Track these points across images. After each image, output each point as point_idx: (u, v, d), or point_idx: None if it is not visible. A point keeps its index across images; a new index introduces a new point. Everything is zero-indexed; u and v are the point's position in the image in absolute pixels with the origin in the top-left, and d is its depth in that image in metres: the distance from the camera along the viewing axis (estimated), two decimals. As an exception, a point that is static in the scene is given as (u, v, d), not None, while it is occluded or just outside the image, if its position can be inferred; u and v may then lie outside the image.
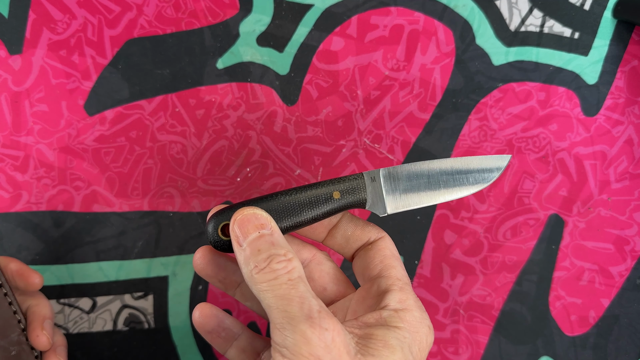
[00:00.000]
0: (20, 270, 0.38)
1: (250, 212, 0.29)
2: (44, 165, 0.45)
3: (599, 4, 0.46)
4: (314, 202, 0.31)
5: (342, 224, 0.33)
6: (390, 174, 0.32)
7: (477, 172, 0.32)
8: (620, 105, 0.47)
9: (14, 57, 0.44)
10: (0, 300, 0.36)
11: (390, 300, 0.29)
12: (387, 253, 0.32)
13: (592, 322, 0.47)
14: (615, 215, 0.47)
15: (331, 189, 0.31)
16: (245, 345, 0.34)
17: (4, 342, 0.35)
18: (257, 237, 0.28)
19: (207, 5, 0.45)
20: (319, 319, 0.25)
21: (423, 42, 0.46)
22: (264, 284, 0.26)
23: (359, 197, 0.32)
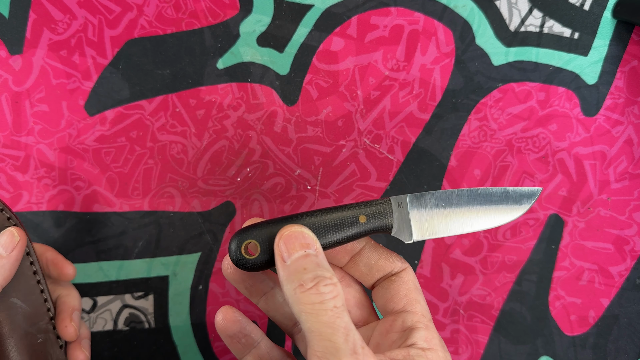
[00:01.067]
0: (55, 259, 0.38)
1: (297, 230, 0.29)
2: (45, 165, 0.45)
3: (599, 4, 0.46)
4: (340, 225, 0.31)
5: (366, 251, 0.33)
6: (418, 199, 0.32)
7: (507, 200, 0.32)
8: (619, 106, 0.47)
9: (14, 57, 0.44)
10: (32, 287, 0.36)
11: (417, 339, 0.29)
12: (411, 286, 0.32)
13: (591, 322, 0.47)
14: (615, 215, 0.47)
15: (357, 213, 0.31)
16: (264, 354, 0.33)
17: (32, 328, 0.35)
18: (303, 255, 0.28)
19: (208, 6, 0.45)
20: (362, 356, 0.25)
21: (423, 43, 0.46)
22: (309, 306, 0.26)
23: (385, 223, 0.31)
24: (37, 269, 0.36)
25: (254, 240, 0.30)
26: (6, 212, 0.36)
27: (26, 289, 0.36)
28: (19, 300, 0.35)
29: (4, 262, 0.33)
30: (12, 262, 0.34)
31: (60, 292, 0.39)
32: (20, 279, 0.35)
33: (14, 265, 0.34)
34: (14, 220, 0.36)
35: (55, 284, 0.40)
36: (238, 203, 0.46)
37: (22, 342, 0.35)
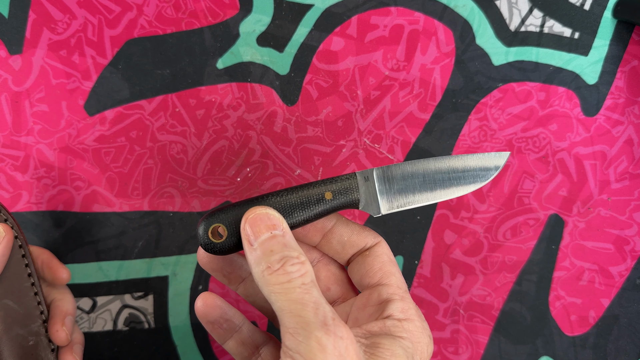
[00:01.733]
0: (50, 262, 0.38)
1: (262, 212, 0.29)
2: (44, 165, 0.45)
3: (599, 4, 0.46)
4: (306, 203, 0.31)
5: (337, 228, 0.33)
6: (385, 173, 0.31)
7: (475, 170, 0.31)
8: (620, 105, 0.47)
9: (14, 57, 0.44)
10: (26, 289, 0.36)
11: (393, 310, 0.29)
12: (385, 259, 0.32)
13: (592, 322, 0.47)
14: (615, 215, 0.47)
15: (323, 190, 0.31)
16: (246, 338, 0.33)
17: (23, 331, 0.35)
18: (269, 237, 0.28)
19: (207, 6, 0.45)
20: (333, 327, 0.25)
21: (423, 42, 0.46)
22: (277, 286, 0.26)
23: (351, 198, 0.31)
24: (32, 271, 0.36)
25: (221, 224, 0.30)
26: (3, 214, 0.36)
27: (19, 291, 0.36)
28: (12, 302, 0.35)
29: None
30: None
31: (55, 295, 0.39)
32: (14, 281, 0.35)
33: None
34: (10, 222, 0.36)
35: (50, 287, 0.39)
36: (238, 203, 0.46)
37: (13, 344, 0.35)
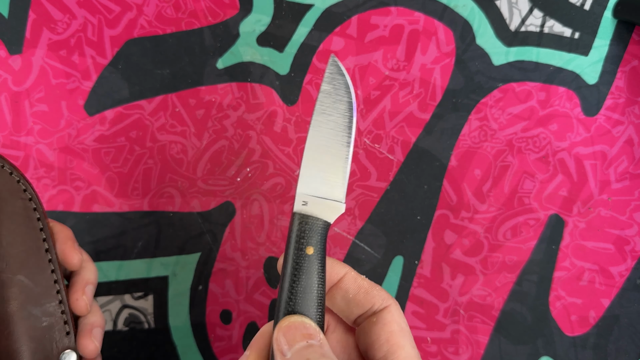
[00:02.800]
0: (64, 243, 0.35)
1: (298, 320, 0.26)
2: (44, 165, 0.45)
3: (599, 4, 0.46)
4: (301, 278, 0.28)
5: (344, 283, 0.30)
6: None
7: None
8: (620, 105, 0.47)
9: (14, 57, 0.44)
10: (43, 265, 0.34)
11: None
12: (395, 328, 0.28)
13: (592, 322, 0.47)
14: (616, 215, 0.47)
15: (302, 249, 0.28)
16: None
17: (37, 310, 0.33)
18: (305, 346, 0.25)
19: (207, 5, 0.45)
20: None
21: (423, 42, 0.46)
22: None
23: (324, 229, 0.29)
24: (50, 246, 0.34)
25: None
26: (15, 176, 0.34)
27: (36, 268, 0.33)
28: (26, 279, 0.33)
29: None
30: None
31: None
32: (29, 255, 0.33)
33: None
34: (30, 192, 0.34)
35: None
36: (238, 203, 0.46)
37: (26, 324, 0.32)
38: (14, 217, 0.33)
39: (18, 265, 0.33)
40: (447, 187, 0.46)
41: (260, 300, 0.46)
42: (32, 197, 0.34)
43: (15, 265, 0.33)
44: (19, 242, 0.33)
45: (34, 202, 0.34)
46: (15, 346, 0.32)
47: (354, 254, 0.46)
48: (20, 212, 0.34)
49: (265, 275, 0.46)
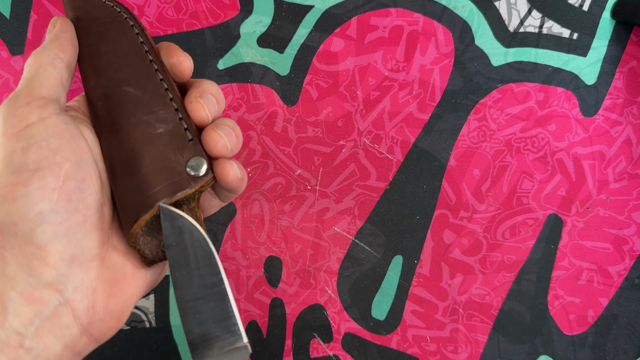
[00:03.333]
0: (168, 47, 0.33)
1: None
2: (46, 166, 0.45)
3: (598, 5, 0.46)
4: None
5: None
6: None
7: None
8: (618, 106, 0.47)
9: (15, 58, 0.45)
10: (149, 75, 0.31)
11: None
12: None
13: (590, 321, 0.47)
14: (614, 215, 0.47)
15: None
16: None
17: (149, 117, 0.30)
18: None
19: (208, 7, 0.45)
20: None
21: (422, 43, 0.46)
22: None
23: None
24: (154, 57, 0.31)
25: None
26: (117, 7, 0.32)
27: (140, 77, 0.31)
28: (132, 89, 0.30)
29: (49, 38, 0.30)
30: (55, 34, 0.30)
31: (192, 83, 0.33)
32: (132, 66, 0.31)
33: (60, 36, 0.30)
34: (125, 13, 0.32)
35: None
36: (238, 203, 0.46)
37: (137, 130, 0.29)
38: (113, 36, 0.32)
39: (122, 78, 0.30)
40: (446, 187, 0.47)
41: (260, 299, 0.46)
42: (128, 17, 0.32)
43: (119, 78, 0.30)
44: (121, 56, 0.31)
45: (131, 20, 0.32)
46: (128, 152, 0.29)
47: (354, 253, 0.46)
48: (119, 30, 0.32)
49: (266, 275, 0.46)
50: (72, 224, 0.26)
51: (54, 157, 0.26)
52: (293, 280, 0.46)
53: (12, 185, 0.25)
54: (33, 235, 0.25)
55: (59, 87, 0.29)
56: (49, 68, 0.29)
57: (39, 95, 0.28)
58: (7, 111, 0.27)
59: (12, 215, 0.25)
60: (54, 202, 0.26)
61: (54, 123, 0.27)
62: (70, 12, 0.33)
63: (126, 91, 0.30)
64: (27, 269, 0.25)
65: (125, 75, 0.30)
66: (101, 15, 0.32)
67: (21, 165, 0.26)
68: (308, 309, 0.46)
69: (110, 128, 0.30)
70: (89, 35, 0.32)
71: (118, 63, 0.31)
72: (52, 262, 0.26)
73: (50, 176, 0.26)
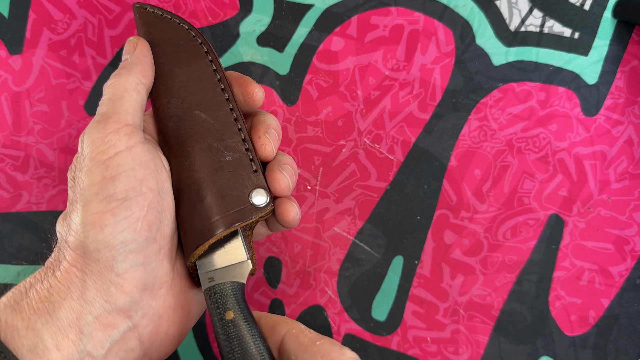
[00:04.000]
0: (240, 79, 0.33)
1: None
2: (45, 165, 0.45)
3: (599, 4, 0.46)
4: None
5: (285, 344, 0.27)
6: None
7: None
8: (620, 106, 0.47)
9: (14, 57, 0.44)
10: (220, 103, 0.31)
11: None
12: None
13: (592, 322, 0.47)
14: (615, 215, 0.47)
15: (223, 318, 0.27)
16: None
17: (219, 144, 0.30)
18: None
19: (207, 6, 0.45)
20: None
21: (423, 42, 0.46)
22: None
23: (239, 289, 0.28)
24: (225, 86, 0.32)
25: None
26: (192, 31, 0.33)
27: (212, 104, 0.31)
28: (204, 114, 0.31)
29: (130, 60, 0.31)
30: (137, 57, 0.31)
31: (254, 115, 0.34)
32: (206, 94, 0.31)
33: (142, 60, 0.31)
34: (194, 31, 0.33)
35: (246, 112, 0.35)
36: (238, 203, 0.46)
37: (207, 155, 0.30)
38: (187, 58, 0.32)
39: (194, 102, 0.31)
40: (446, 187, 0.46)
41: (260, 300, 0.46)
42: (202, 42, 0.33)
43: (191, 101, 0.31)
44: (194, 80, 0.32)
45: (204, 46, 0.33)
46: (197, 176, 0.29)
47: (354, 254, 0.46)
48: (193, 54, 0.33)
49: (266, 276, 0.46)
50: (149, 253, 0.27)
51: (140, 187, 0.27)
52: (293, 280, 0.46)
53: (101, 213, 0.26)
54: (114, 263, 0.26)
55: (141, 113, 0.30)
56: (134, 94, 0.29)
57: (126, 122, 0.28)
58: (96, 135, 0.27)
59: (98, 243, 0.26)
60: (136, 232, 0.27)
61: (140, 152, 0.28)
62: (142, 27, 0.34)
63: (198, 115, 0.31)
64: (105, 295, 0.26)
65: (197, 99, 0.31)
66: (175, 36, 0.33)
67: (110, 194, 0.26)
68: (308, 309, 0.46)
69: (179, 150, 0.30)
70: (162, 54, 0.32)
71: (191, 87, 0.32)
72: (127, 289, 0.27)
73: (136, 206, 0.27)
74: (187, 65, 0.32)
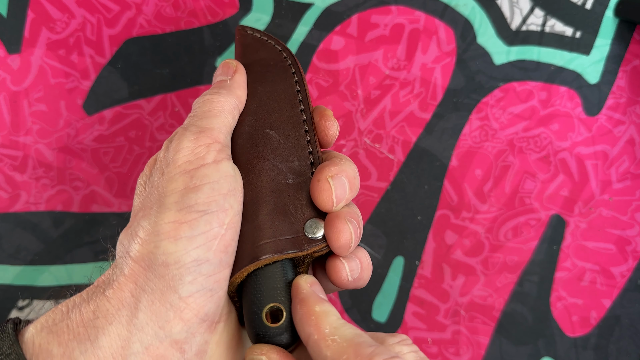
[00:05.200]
0: (321, 111, 0.32)
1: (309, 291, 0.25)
2: (43, 165, 0.44)
3: (601, 3, 0.46)
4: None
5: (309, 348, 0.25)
6: None
7: None
8: (621, 105, 0.46)
9: (12, 57, 0.44)
10: (295, 124, 0.30)
11: None
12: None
13: (593, 322, 0.47)
14: (617, 216, 0.47)
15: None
16: None
17: (283, 165, 0.29)
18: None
19: (207, 4, 0.45)
20: None
21: (424, 42, 0.46)
22: None
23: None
24: (306, 107, 0.31)
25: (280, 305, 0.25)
26: (284, 52, 0.33)
27: (286, 123, 0.30)
28: (275, 133, 0.30)
29: (229, 82, 0.31)
30: (237, 82, 0.31)
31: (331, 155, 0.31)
32: (282, 111, 0.31)
33: (241, 86, 0.31)
34: (286, 53, 0.33)
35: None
36: (238, 203, 0.46)
37: (268, 175, 0.28)
38: (272, 78, 0.32)
39: (268, 121, 0.30)
40: (447, 187, 0.46)
41: (260, 300, 0.46)
42: (292, 63, 0.32)
43: (266, 120, 0.30)
44: (274, 99, 0.31)
45: (293, 67, 0.32)
46: (253, 195, 0.28)
47: (354, 254, 0.46)
48: (280, 74, 0.32)
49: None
50: (220, 279, 0.25)
51: (223, 202, 0.25)
52: (293, 281, 0.46)
53: (178, 223, 0.24)
54: (181, 283, 0.23)
55: (230, 135, 0.29)
56: (229, 116, 0.29)
57: (218, 139, 0.27)
58: (186, 144, 0.26)
59: (168, 256, 0.23)
60: (212, 251, 0.24)
61: (226, 168, 0.27)
62: (239, 47, 0.34)
63: (269, 134, 0.30)
64: (160, 320, 0.23)
65: (272, 118, 0.30)
66: (267, 57, 0.33)
67: (191, 204, 0.24)
68: (308, 310, 0.46)
69: (243, 167, 0.29)
70: (250, 73, 0.32)
71: (269, 106, 0.31)
72: (187, 316, 0.23)
73: (216, 222, 0.25)
74: (271, 84, 0.32)
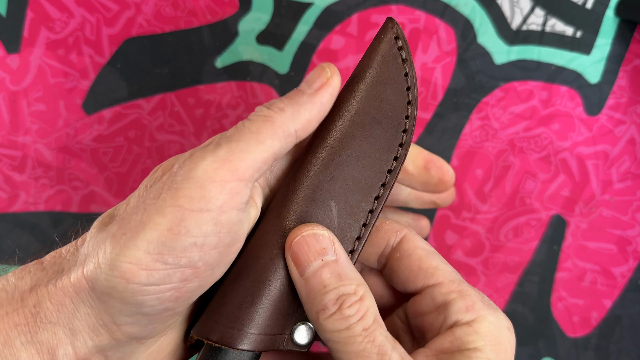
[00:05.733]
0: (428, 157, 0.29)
1: (309, 233, 0.24)
2: (42, 165, 0.44)
3: (601, 3, 0.46)
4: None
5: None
6: None
7: None
8: (622, 105, 0.46)
9: (11, 56, 0.44)
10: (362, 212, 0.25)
11: (457, 314, 0.24)
12: (421, 254, 0.26)
13: (594, 323, 0.46)
14: (618, 216, 0.46)
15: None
16: None
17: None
18: (320, 266, 0.23)
19: (206, 4, 0.45)
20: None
21: (424, 41, 0.46)
22: (335, 334, 0.22)
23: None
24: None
25: None
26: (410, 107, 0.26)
27: (353, 205, 0.25)
28: (335, 208, 0.25)
29: (304, 99, 0.24)
30: (313, 102, 0.24)
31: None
32: (358, 187, 0.25)
33: (316, 107, 0.24)
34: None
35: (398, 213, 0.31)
36: (237, 203, 0.46)
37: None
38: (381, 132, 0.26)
39: (333, 190, 0.25)
40: (448, 187, 0.46)
41: (259, 301, 0.46)
42: (407, 129, 0.26)
43: (329, 188, 0.25)
44: (360, 167, 0.26)
45: (406, 135, 0.26)
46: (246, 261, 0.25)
47: (354, 254, 0.46)
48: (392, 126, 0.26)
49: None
50: (158, 319, 0.24)
51: (197, 260, 0.22)
52: (292, 281, 0.46)
53: (139, 268, 0.22)
54: (119, 315, 0.23)
55: (267, 167, 0.24)
56: (276, 144, 0.24)
57: (240, 178, 0.22)
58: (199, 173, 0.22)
59: (114, 292, 0.22)
60: (159, 300, 0.23)
61: (227, 221, 0.23)
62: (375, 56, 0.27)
63: (329, 206, 0.25)
64: (92, 333, 0.23)
65: (344, 188, 0.25)
66: (390, 101, 0.26)
67: (164, 252, 0.22)
68: (308, 310, 0.46)
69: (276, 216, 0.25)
70: (359, 112, 0.26)
71: (350, 171, 0.25)
72: (117, 337, 0.23)
73: (179, 277, 0.22)
74: (370, 145, 0.26)
